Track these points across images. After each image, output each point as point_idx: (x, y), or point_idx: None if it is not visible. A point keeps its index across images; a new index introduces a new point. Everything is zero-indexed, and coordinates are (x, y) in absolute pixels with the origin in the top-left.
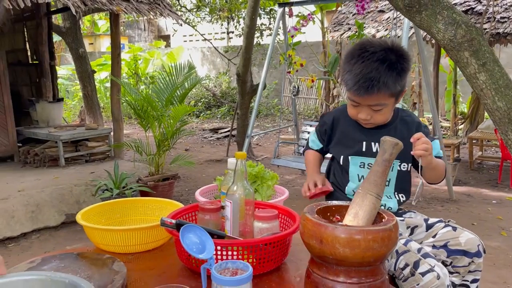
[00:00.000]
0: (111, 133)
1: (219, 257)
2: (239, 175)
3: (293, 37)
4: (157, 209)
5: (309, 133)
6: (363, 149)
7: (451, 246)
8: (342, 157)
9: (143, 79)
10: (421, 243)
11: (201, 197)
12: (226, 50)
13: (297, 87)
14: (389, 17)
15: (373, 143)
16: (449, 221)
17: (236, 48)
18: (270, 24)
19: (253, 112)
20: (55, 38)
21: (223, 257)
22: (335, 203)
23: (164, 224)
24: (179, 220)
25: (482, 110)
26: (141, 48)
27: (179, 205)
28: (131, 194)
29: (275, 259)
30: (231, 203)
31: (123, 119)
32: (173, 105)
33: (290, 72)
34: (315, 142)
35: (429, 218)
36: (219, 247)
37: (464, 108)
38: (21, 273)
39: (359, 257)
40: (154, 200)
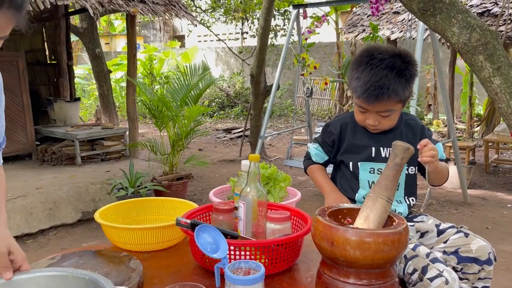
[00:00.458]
0: (127, 133)
1: (232, 257)
2: (252, 177)
3: (306, 39)
4: (172, 209)
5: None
6: (373, 155)
7: (461, 252)
8: (351, 164)
9: (158, 79)
10: (432, 248)
11: (215, 198)
12: (240, 51)
13: (310, 88)
14: (404, 19)
15: (382, 148)
16: (462, 227)
17: (250, 48)
18: (284, 25)
19: (267, 113)
20: (72, 38)
21: (236, 257)
22: (346, 206)
23: (179, 223)
24: (194, 220)
25: (498, 112)
26: (156, 48)
27: (193, 205)
28: (146, 193)
29: (287, 260)
30: (244, 204)
31: (138, 119)
32: (187, 106)
33: (303, 74)
34: (320, 155)
35: (441, 223)
36: (232, 247)
37: (480, 110)
38: (44, 269)
39: (369, 259)
40: (169, 200)
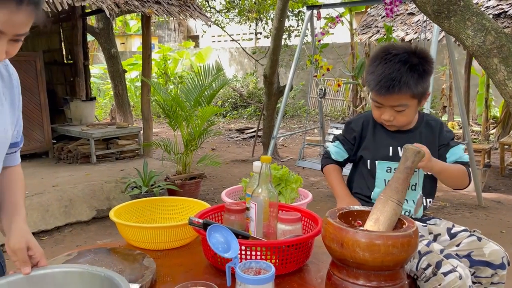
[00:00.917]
0: (141, 132)
1: (243, 256)
2: (264, 178)
3: (320, 41)
4: (185, 208)
5: (335, 135)
6: (390, 154)
7: (474, 256)
8: (369, 162)
9: (172, 79)
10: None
11: (227, 198)
12: (253, 51)
13: (324, 89)
14: (419, 20)
15: (399, 148)
16: (475, 230)
17: (263, 49)
18: (298, 26)
19: (279, 113)
20: (89, 38)
21: (247, 256)
22: (357, 208)
23: (192, 223)
24: (206, 220)
25: None
26: (171, 48)
27: (206, 205)
28: (159, 192)
29: (297, 261)
30: (255, 205)
31: (152, 118)
32: (201, 106)
33: (316, 76)
34: (340, 153)
35: (453, 226)
36: (243, 247)
37: (496, 112)
38: (61, 265)
39: (378, 261)
40: (182, 199)
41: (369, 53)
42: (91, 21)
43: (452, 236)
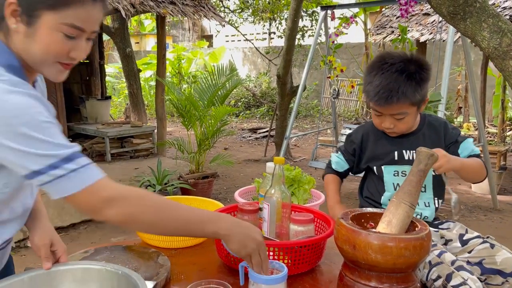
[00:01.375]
0: (155, 131)
1: None
2: (277, 179)
3: (333, 42)
4: (199, 207)
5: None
6: (396, 158)
7: (486, 264)
8: (375, 168)
9: (186, 78)
10: (456, 257)
11: (240, 198)
12: (267, 51)
13: (337, 89)
14: (435, 21)
15: (404, 151)
16: (488, 237)
17: (277, 49)
18: (312, 26)
19: (292, 113)
20: (104, 37)
21: None
22: (369, 210)
23: None
24: None
25: None
26: (185, 48)
27: (219, 205)
28: (173, 190)
29: (309, 261)
30: (268, 205)
31: (166, 118)
32: (214, 105)
33: (330, 77)
34: (340, 163)
35: (466, 232)
36: None
37: None
38: (80, 262)
39: (390, 263)
40: (196, 199)
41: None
42: (107, 20)
43: (464, 243)
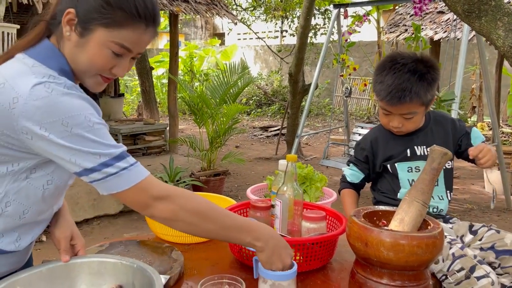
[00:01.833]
0: (167, 128)
1: None
2: (289, 177)
3: (346, 40)
4: None
5: (360, 134)
6: (408, 154)
7: (497, 247)
8: (389, 166)
9: (198, 76)
10: (469, 247)
11: (252, 195)
12: (279, 49)
13: (349, 88)
14: (449, 19)
15: (416, 147)
16: (491, 225)
17: (289, 47)
18: (324, 24)
19: (304, 112)
20: None
21: None
22: (382, 208)
23: None
24: None
25: None
26: (197, 46)
27: (231, 201)
28: (184, 187)
29: (321, 258)
30: (280, 202)
31: (178, 115)
32: (226, 103)
33: (342, 75)
34: (355, 174)
35: (472, 225)
36: None
37: None
38: (97, 255)
39: (402, 261)
40: (208, 195)
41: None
42: None
43: (473, 233)
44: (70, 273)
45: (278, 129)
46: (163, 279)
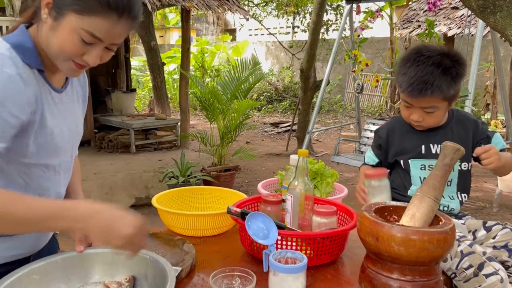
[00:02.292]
0: (178, 124)
1: (279, 246)
2: (301, 171)
3: (359, 36)
4: (222, 198)
5: (371, 131)
6: (423, 152)
7: (511, 246)
8: (402, 161)
9: (209, 72)
10: (482, 244)
11: (263, 190)
12: (290, 45)
13: (361, 84)
14: (463, 15)
15: (432, 145)
16: (506, 223)
17: (300, 43)
18: (336, 20)
19: (315, 108)
20: None
21: (283, 246)
22: (393, 203)
23: (230, 212)
24: (244, 209)
25: None
26: (208, 41)
27: (242, 195)
28: (195, 182)
29: (331, 253)
30: (292, 197)
31: (189, 111)
32: (237, 99)
33: (354, 71)
34: (371, 157)
35: (486, 221)
36: (279, 237)
37: None
38: None
39: (413, 256)
40: (219, 189)
41: (409, 48)
42: None
43: (487, 229)
44: (84, 263)
45: (288, 125)
46: (175, 271)
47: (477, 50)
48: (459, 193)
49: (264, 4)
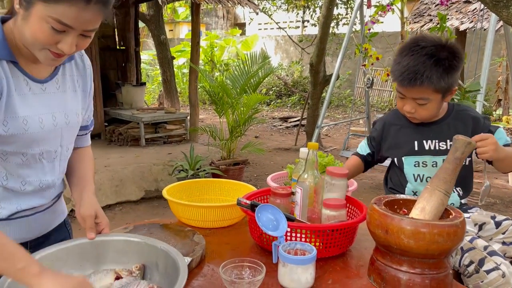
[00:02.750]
0: (188, 117)
1: (288, 238)
2: (310, 164)
3: (370, 30)
4: (232, 191)
5: None
6: (416, 148)
7: None
8: (396, 159)
9: (218, 66)
10: (491, 240)
11: (272, 183)
12: (300, 39)
13: (371, 78)
14: (476, 8)
15: (425, 141)
16: None
17: (310, 37)
18: (347, 14)
19: (325, 102)
20: (139, 24)
21: (292, 238)
22: (403, 196)
23: (240, 204)
24: (254, 201)
25: None
26: (218, 35)
27: (252, 188)
28: (204, 176)
29: (340, 245)
30: (301, 190)
31: (198, 105)
32: (246, 93)
33: (365, 65)
34: (363, 147)
35: (495, 215)
36: (289, 229)
37: None
38: (122, 234)
39: (423, 249)
40: (229, 182)
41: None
42: (142, 8)
43: (497, 224)
44: (95, 250)
45: (297, 120)
46: (186, 260)
47: (489, 44)
48: (460, 189)
49: None
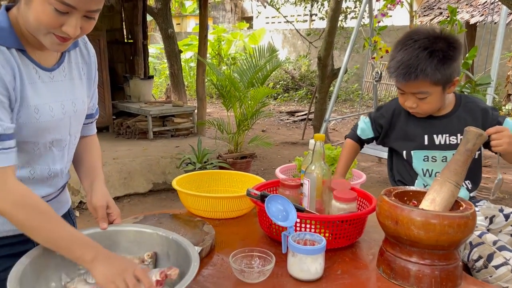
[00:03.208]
0: (195, 111)
1: (297, 228)
2: (317, 156)
3: (379, 22)
4: (240, 182)
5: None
6: (425, 143)
7: None
8: (405, 152)
9: (225, 60)
10: (500, 232)
11: (281, 174)
12: (308, 33)
13: (380, 72)
14: (486, 2)
15: (435, 136)
16: None
17: (318, 31)
18: (355, 7)
19: (333, 96)
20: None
21: (301, 229)
22: (413, 188)
23: (249, 194)
24: (264, 192)
25: None
26: (225, 29)
27: (260, 179)
28: (212, 168)
29: (349, 236)
30: (309, 181)
31: (205, 98)
32: (254, 87)
33: (374, 58)
34: (366, 131)
35: (503, 208)
36: (298, 220)
37: None
38: (133, 225)
39: (433, 240)
40: (238, 173)
41: None
42: (150, 1)
43: (506, 217)
44: (106, 240)
45: (305, 114)
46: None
47: (500, 38)
48: (469, 181)
49: None
